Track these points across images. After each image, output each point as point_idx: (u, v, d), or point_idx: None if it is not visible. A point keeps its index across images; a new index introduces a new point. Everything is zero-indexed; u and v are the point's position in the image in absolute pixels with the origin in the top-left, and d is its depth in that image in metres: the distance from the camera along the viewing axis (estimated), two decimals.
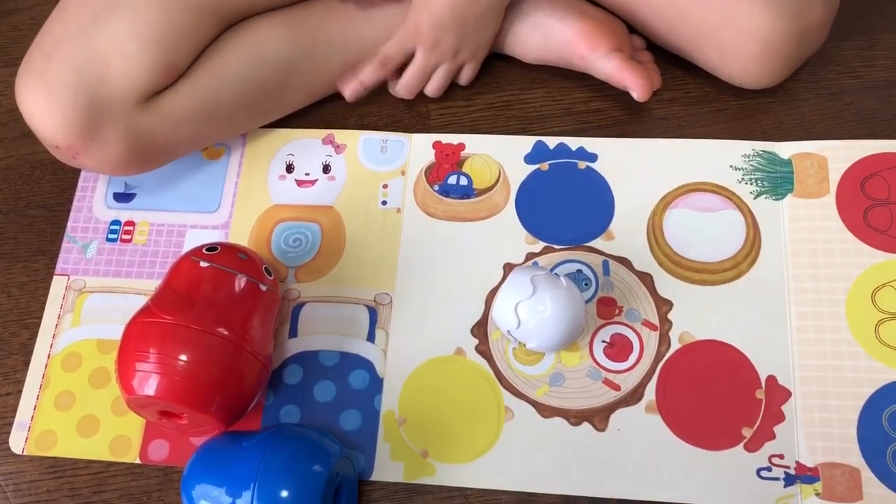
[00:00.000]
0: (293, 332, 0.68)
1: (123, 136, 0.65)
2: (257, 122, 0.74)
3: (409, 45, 0.72)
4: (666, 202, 0.70)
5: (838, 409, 0.63)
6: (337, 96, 0.77)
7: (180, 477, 0.64)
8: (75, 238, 0.74)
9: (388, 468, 0.64)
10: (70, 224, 0.74)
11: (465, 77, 0.75)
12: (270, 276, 0.64)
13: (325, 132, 0.76)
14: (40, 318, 0.71)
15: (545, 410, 0.65)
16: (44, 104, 0.63)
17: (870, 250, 0.67)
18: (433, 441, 0.64)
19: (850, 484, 0.61)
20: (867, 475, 0.61)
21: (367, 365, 0.67)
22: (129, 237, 0.73)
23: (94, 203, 0.75)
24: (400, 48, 0.72)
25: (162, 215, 0.74)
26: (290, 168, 0.74)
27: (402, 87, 0.74)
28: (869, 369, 0.64)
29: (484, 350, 0.67)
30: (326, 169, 0.74)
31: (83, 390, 0.68)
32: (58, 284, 0.72)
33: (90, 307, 0.71)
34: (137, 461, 0.65)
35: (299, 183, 0.74)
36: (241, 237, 0.72)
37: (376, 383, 0.66)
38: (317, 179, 0.74)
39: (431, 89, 0.75)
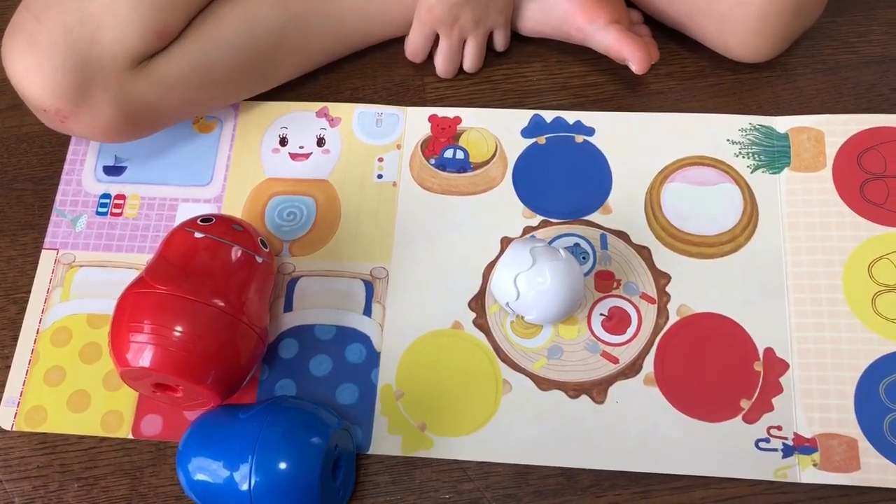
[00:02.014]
0: (288, 307, 0.67)
1: (114, 100, 0.63)
2: (251, 89, 0.73)
3: (429, 31, 0.72)
4: (663, 176, 0.70)
5: (836, 381, 0.63)
6: (330, 69, 0.76)
7: (174, 452, 0.63)
8: (64, 212, 0.72)
9: (385, 442, 0.63)
10: (59, 198, 0.73)
11: (499, 43, 0.75)
12: (266, 248, 0.63)
13: (319, 105, 0.75)
14: (29, 292, 0.69)
15: (543, 383, 0.64)
16: (32, 66, 0.61)
17: (866, 223, 0.67)
18: (431, 414, 0.64)
19: (847, 454, 0.61)
20: (864, 445, 0.61)
21: (363, 339, 0.66)
22: (119, 211, 0.72)
23: (83, 176, 0.73)
24: (422, 37, 0.72)
25: (153, 189, 0.72)
26: (283, 141, 0.73)
27: (441, 73, 0.75)
28: (866, 341, 0.64)
29: (482, 323, 0.66)
30: (321, 142, 0.73)
31: (73, 365, 0.66)
32: (46, 259, 0.70)
33: (80, 281, 0.69)
34: (130, 436, 0.64)
35: (293, 156, 0.73)
36: (234, 210, 0.71)
37: (373, 357, 0.66)
38: (311, 153, 0.73)
39: (469, 66, 0.75)
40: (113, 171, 0.73)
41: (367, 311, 0.67)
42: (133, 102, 0.64)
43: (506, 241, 0.69)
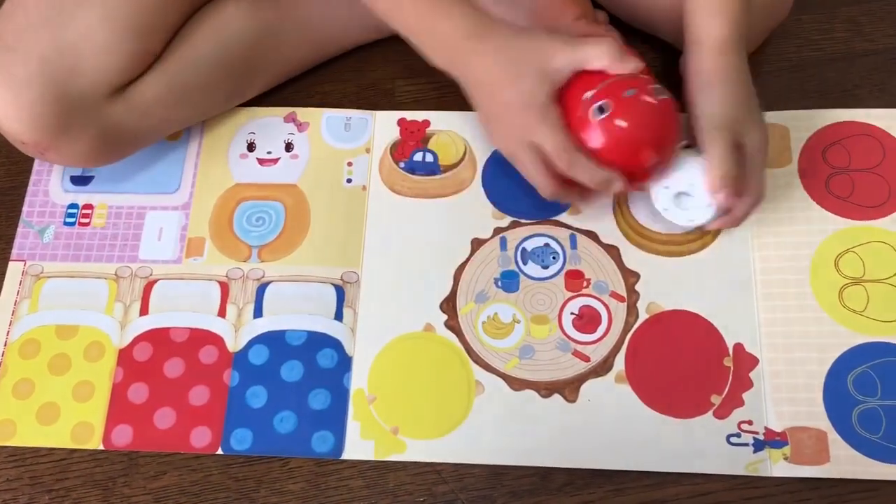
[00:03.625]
0: (258, 313, 0.67)
1: (93, 129, 0.63)
2: (227, 103, 0.73)
3: (515, 163, 0.64)
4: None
5: (805, 375, 0.63)
6: (299, 75, 0.76)
7: (146, 461, 0.63)
8: (31, 223, 0.71)
9: (358, 446, 0.63)
10: (26, 209, 0.72)
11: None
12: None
13: (286, 110, 0.74)
14: None
15: (515, 383, 0.64)
16: (9, 100, 0.59)
17: (832, 217, 0.68)
18: (404, 418, 0.64)
19: (817, 447, 0.61)
20: (834, 437, 0.61)
21: (335, 343, 0.66)
22: (87, 220, 0.71)
23: (50, 187, 0.73)
24: (528, 164, 0.62)
25: (121, 198, 0.72)
26: (251, 147, 0.73)
27: (548, 197, 0.63)
28: (834, 334, 0.64)
29: (453, 325, 0.66)
30: (289, 147, 0.73)
31: (42, 377, 0.66)
32: (14, 270, 0.70)
33: (48, 292, 0.69)
34: (101, 447, 0.64)
35: (261, 161, 0.73)
36: (202, 217, 0.71)
37: (345, 362, 0.65)
38: (279, 158, 0.73)
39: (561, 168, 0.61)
40: (80, 180, 0.73)
41: (339, 316, 0.67)
42: (112, 128, 0.64)
43: (476, 243, 0.69)
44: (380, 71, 0.76)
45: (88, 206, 0.72)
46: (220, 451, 0.63)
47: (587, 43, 0.59)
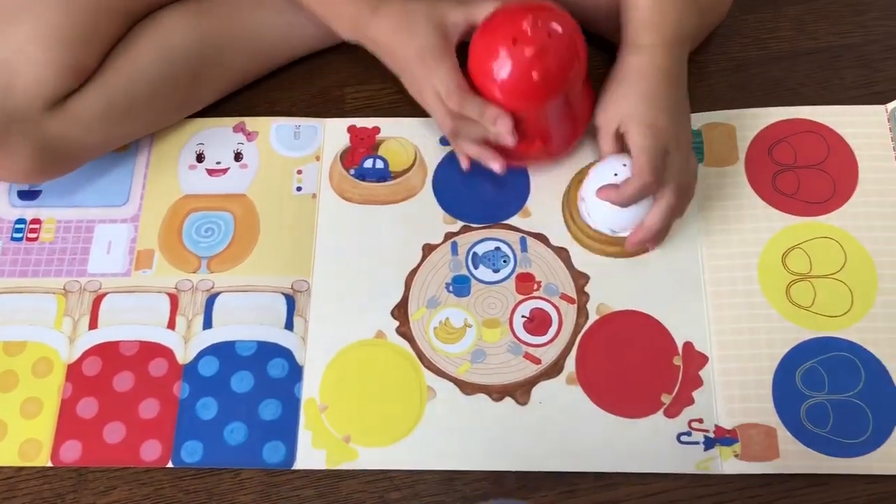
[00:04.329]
0: (208, 324, 0.67)
1: (33, 144, 0.62)
2: (172, 117, 0.72)
3: (425, 108, 0.68)
4: (580, 178, 0.70)
5: (754, 371, 0.64)
6: (247, 85, 0.75)
7: (95, 477, 0.62)
8: None
9: (310, 456, 0.63)
10: None
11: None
12: None
13: (235, 120, 0.74)
14: None
15: (467, 388, 0.64)
16: None
17: (779, 214, 0.68)
18: (356, 426, 0.63)
19: (767, 443, 0.62)
20: (783, 433, 0.62)
21: (285, 353, 0.66)
22: (35, 235, 0.71)
23: None
24: (430, 104, 0.67)
25: (69, 212, 0.71)
26: (200, 157, 0.73)
27: (447, 133, 0.69)
28: (782, 330, 0.65)
29: (405, 331, 0.66)
30: (238, 157, 0.73)
31: None
32: None
33: None
34: (49, 464, 0.63)
35: (210, 172, 0.72)
36: (151, 229, 0.70)
37: (296, 371, 0.65)
38: (228, 168, 0.72)
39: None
40: (27, 195, 0.72)
41: (289, 325, 0.66)
42: (52, 143, 0.63)
43: (427, 248, 0.69)
44: (329, 78, 0.76)
45: (36, 221, 0.71)
46: (170, 464, 0.63)
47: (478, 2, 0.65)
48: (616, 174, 0.63)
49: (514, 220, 0.70)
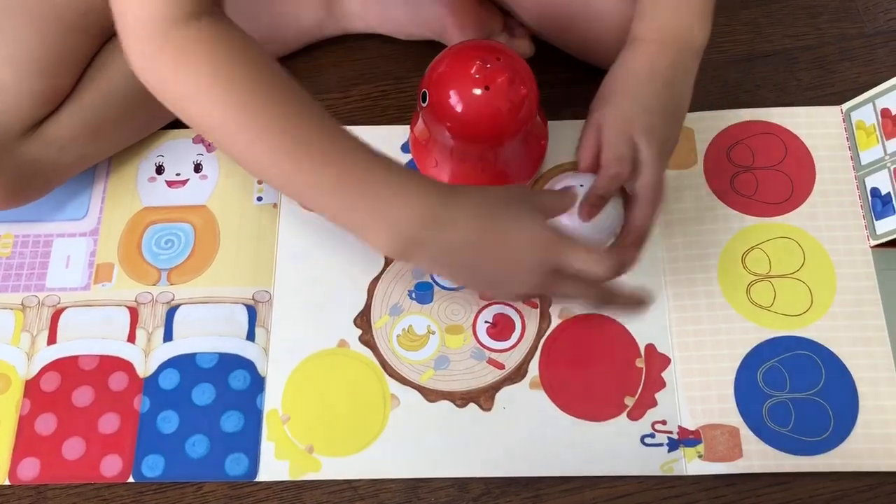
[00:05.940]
0: (168, 336, 0.66)
1: (7, 169, 0.62)
2: (142, 132, 0.72)
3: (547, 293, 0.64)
4: (542, 182, 0.71)
5: (716, 372, 0.64)
6: None
7: (55, 494, 0.61)
8: None
9: (273, 467, 0.62)
10: None
11: None
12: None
13: (195, 131, 0.74)
14: None
15: (431, 395, 0.64)
16: None
17: (738, 215, 0.69)
18: (318, 436, 0.63)
19: (730, 443, 0.62)
20: (746, 433, 0.62)
21: (247, 364, 0.65)
22: None
23: None
24: (569, 287, 0.57)
25: (26, 226, 0.70)
26: (160, 169, 0.72)
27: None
28: (743, 330, 0.65)
29: (368, 340, 0.66)
30: (198, 168, 0.72)
31: None
32: None
33: None
34: (6, 482, 0.62)
35: (170, 184, 0.72)
36: (110, 242, 0.69)
37: (258, 382, 0.65)
38: (188, 179, 0.72)
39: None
40: None
41: (251, 336, 0.66)
42: (30, 167, 0.63)
43: (389, 258, 0.69)
44: None
45: None
46: (131, 479, 0.62)
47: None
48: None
49: None
